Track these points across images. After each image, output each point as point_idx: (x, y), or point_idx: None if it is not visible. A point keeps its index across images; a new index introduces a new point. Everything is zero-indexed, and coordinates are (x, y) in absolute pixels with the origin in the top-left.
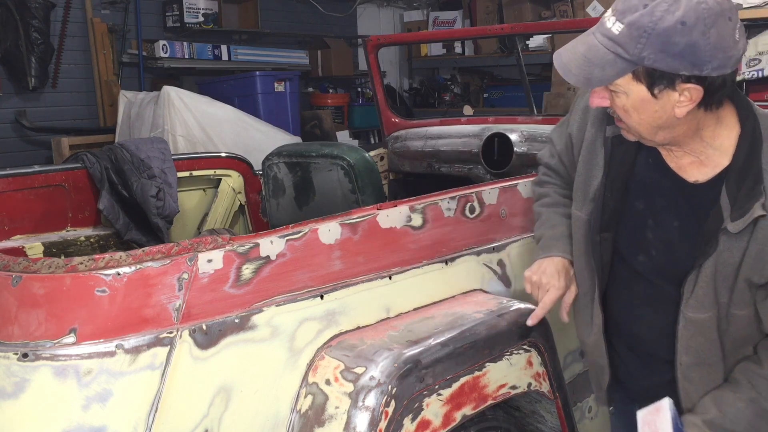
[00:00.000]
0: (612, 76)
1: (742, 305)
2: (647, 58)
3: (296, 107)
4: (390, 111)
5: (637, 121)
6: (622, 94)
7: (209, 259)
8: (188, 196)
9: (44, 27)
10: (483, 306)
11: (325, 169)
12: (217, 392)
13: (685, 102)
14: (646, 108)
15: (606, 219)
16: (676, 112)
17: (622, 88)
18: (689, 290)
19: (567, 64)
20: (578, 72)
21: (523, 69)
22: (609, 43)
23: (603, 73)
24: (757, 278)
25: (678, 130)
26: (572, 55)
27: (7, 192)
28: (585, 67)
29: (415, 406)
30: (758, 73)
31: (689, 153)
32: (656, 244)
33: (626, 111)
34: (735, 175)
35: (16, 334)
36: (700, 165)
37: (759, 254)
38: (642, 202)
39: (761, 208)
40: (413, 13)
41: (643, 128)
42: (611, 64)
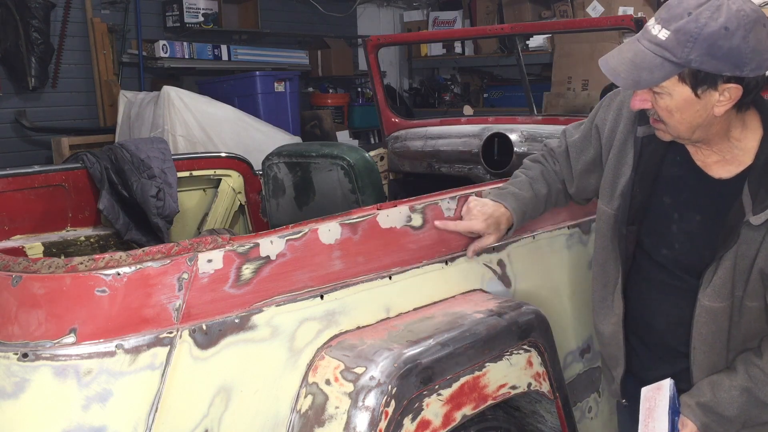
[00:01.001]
0: (659, 78)
1: (754, 297)
2: (694, 60)
3: (296, 107)
4: (390, 111)
5: (678, 120)
6: (666, 96)
7: (209, 259)
8: (188, 196)
9: (44, 27)
10: (483, 306)
11: (325, 169)
12: (217, 392)
13: (725, 101)
14: (688, 108)
15: (633, 212)
16: (715, 111)
17: (667, 89)
18: (708, 280)
19: (615, 69)
20: (627, 75)
21: (523, 69)
22: (656, 48)
23: (651, 75)
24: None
25: (712, 129)
26: (619, 60)
27: (7, 192)
28: (633, 70)
29: (415, 406)
30: None
31: (717, 152)
32: (679, 237)
33: (669, 111)
34: (757, 173)
35: (16, 334)
36: (725, 163)
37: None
38: (668, 197)
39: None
40: (413, 13)
41: (683, 127)
42: (659, 67)
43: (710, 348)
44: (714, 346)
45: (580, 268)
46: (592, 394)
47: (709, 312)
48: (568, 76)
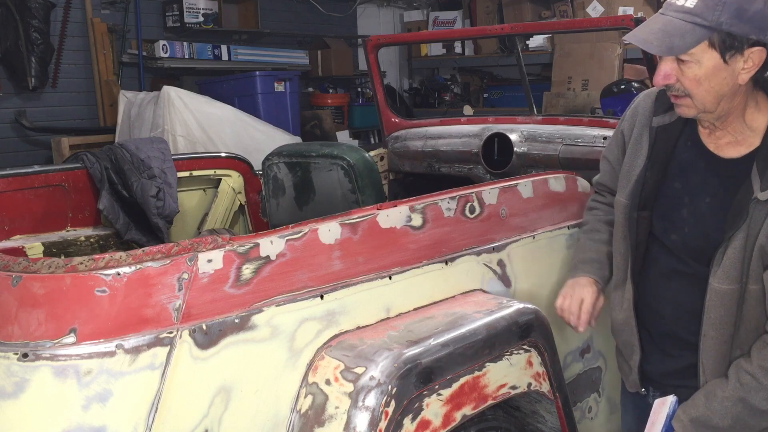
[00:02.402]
0: (692, 42)
1: (755, 278)
2: (725, 23)
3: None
4: (390, 111)
5: (706, 90)
6: (694, 64)
7: (209, 259)
8: (188, 196)
9: (44, 27)
10: (483, 306)
11: (325, 169)
12: (217, 392)
13: (749, 68)
14: (716, 75)
15: (644, 197)
16: (740, 78)
17: (696, 57)
18: (718, 262)
19: (646, 39)
20: (659, 43)
21: (523, 69)
22: (686, 15)
23: (683, 41)
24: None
25: (735, 101)
26: (649, 31)
27: (7, 192)
28: (665, 38)
29: (415, 406)
30: None
31: (731, 132)
32: (689, 221)
33: (697, 81)
34: (765, 152)
35: (16, 334)
36: (736, 144)
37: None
38: (679, 181)
39: None
40: (413, 13)
41: (711, 97)
42: (690, 32)
43: (720, 334)
44: (723, 333)
45: None
46: (592, 394)
47: (719, 295)
48: (568, 76)
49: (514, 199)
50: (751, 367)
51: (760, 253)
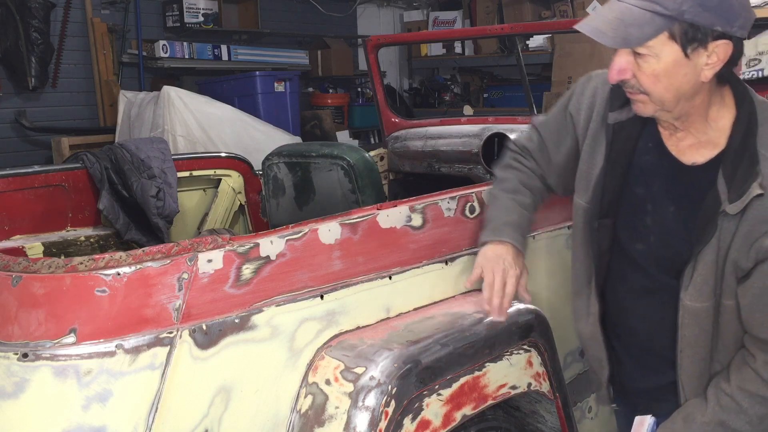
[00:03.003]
0: (650, 33)
1: (729, 294)
2: (687, 12)
3: (296, 107)
4: (390, 111)
5: (665, 87)
6: (652, 58)
7: (209, 259)
8: (188, 196)
9: (44, 27)
10: (483, 306)
11: (325, 169)
12: (217, 392)
13: (712, 63)
14: (676, 71)
15: (605, 204)
16: (703, 75)
17: (654, 49)
18: (688, 278)
19: (600, 28)
20: (614, 34)
21: (523, 69)
22: (644, 3)
23: (641, 31)
24: (743, 262)
25: (696, 100)
26: (603, 20)
27: (7, 192)
28: (621, 28)
29: (415, 406)
30: (758, 73)
31: (693, 133)
32: (654, 230)
33: (655, 77)
34: (731, 157)
35: (16, 334)
36: (699, 147)
37: (748, 234)
38: (641, 187)
39: (758, 187)
40: (413, 13)
41: (669, 96)
42: (649, 22)
43: (696, 352)
44: (700, 350)
45: None
46: (592, 394)
47: (692, 313)
48: (568, 76)
49: None
50: (730, 388)
51: (733, 267)
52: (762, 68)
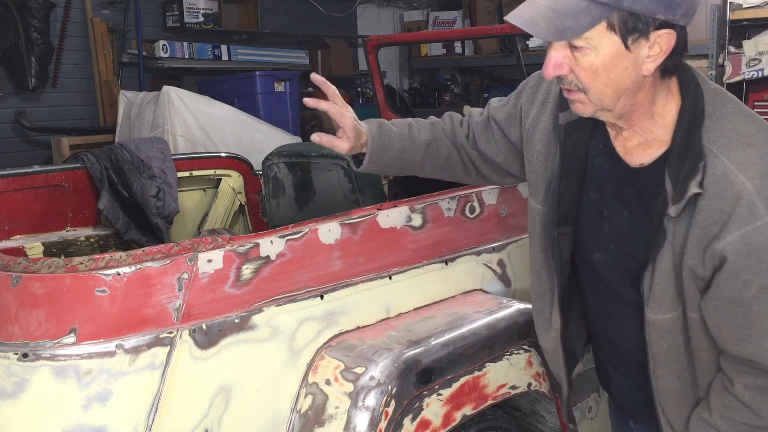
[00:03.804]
0: (587, 24)
1: (693, 306)
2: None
3: (296, 107)
4: (390, 111)
5: (604, 83)
6: (590, 52)
7: (209, 259)
8: (188, 196)
9: (44, 27)
10: (483, 306)
11: (325, 169)
12: (217, 392)
13: (654, 55)
14: (616, 65)
15: (563, 212)
16: (644, 68)
17: (592, 41)
18: (648, 288)
19: (532, 19)
20: (547, 25)
21: (523, 69)
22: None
23: (576, 22)
24: (700, 269)
25: (638, 97)
26: (535, 9)
27: (7, 192)
28: (555, 18)
29: (415, 406)
30: (758, 73)
31: (639, 132)
32: (612, 237)
33: (594, 71)
34: (676, 153)
35: (16, 334)
36: (646, 146)
37: (699, 238)
38: (596, 191)
39: (697, 185)
40: (413, 13)
41: (608, 93)
42: (585, 11)
43: (670, 372)
44: (673, 370)
45: None
46: (592, 394)
47: (656, 327)
48: None
49: (514, 199)
50: (713, 419)
51: (691, 276)
52: (762, 68)
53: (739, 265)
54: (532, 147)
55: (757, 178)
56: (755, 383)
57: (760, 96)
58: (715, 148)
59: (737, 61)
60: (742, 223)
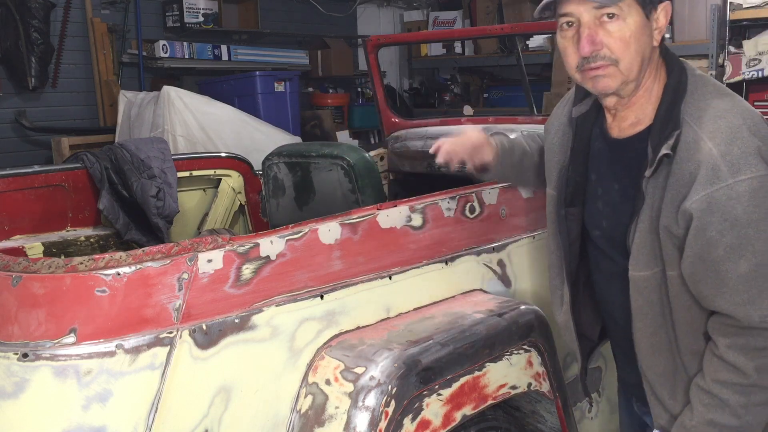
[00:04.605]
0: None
1: (672, 263)
2: None
3: (296, 107)
4: (390, 111)
5: (635, 52)
6: (621, 23)
7: (209, 259)
8: (188, 196)
9: (44, 27)
10: (483, 306)
11: (325, 169)
12: (217, 392)
13: (660, 25)
14: (641, 34)
15: (570, 193)
16: (655, 39)
17: (624, 13)
18: (630, 245)
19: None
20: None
21: (523, 69)
22: None
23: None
24: (674, 228)
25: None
26: None
27: (7, 192)
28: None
29: (415, 406)
30: (758, 73)
31: (634, 111)
32: (605, 212)
33: (626, 41)
34: (658, 125)
35: (16, 334)
36: (636, 123)
37: (672, 199)
38: (594, 173)
39: (668, 148)
40: (413, 13)
41: (637, 62)
42: None
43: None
44: (647, 324)
45: None
46: (592, 393)
47: (634, 283)
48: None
49: (514, 199)
50: (707, 384)
51: (667, 234)
52: (762, 68)
53: (704, 222)
54: (549, 141)
55: (723, 144)
56: (737, 342)
57: (760, 96)
58: (690, 119)
59: (737, 61)
60: (707, 184)
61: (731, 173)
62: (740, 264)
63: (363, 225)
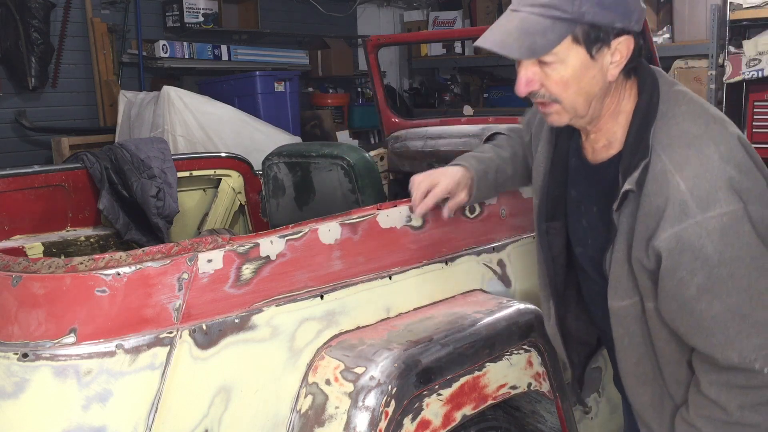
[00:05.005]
0: (554, 40)
1: (648, 296)
2: (587, 12)
3: (296, 107)
4: (390, 111)
5: (575, 92)
6: (559, 65)
7: (209, 259)
8: (188, 196)
9: (44, 27)
10: (483, 306)
11: (325, 169)
12: (217, 392)
13: (617, 61)
14: (585, 74)
15: (550, 206)
16: (610, 74)
17: (560, 56)
18: (607, 275)
19: (503, 42)
20: (519, 44)
21: None
22: (542, 9)
23: (545, 39)
24: (646, 262)
25: (607, 100)
26: (505, 32)
27: (7, 192)
28: (525, 38)
29: (415, 406)
30: (758, 73)
31: (605, 134)
32: (589, 232)
33: (565, 83)
34: (628, 150)
35: (16, 334)
36: (609, 147)
37: (642, 233)
38: (574, 189)
39: (633, 182)
40: (413, 13)
41: (581, 101)
42: (551, 28)
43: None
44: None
45: None
46: (592, 394)
47: (615, 313)
48: None
49: (514, 199)
50: (690, 416)
51: (639, 267)
52: (762, 68)
53: (673, 262)
54: (536, 148)
55: (691, 178)
56: (718, 380)
57: (760, 96)
58: (659, 148)
59: (737, 61)
60: (675, 221)
61: (700, 209)
62: (714, 305)
63: (363, 225)
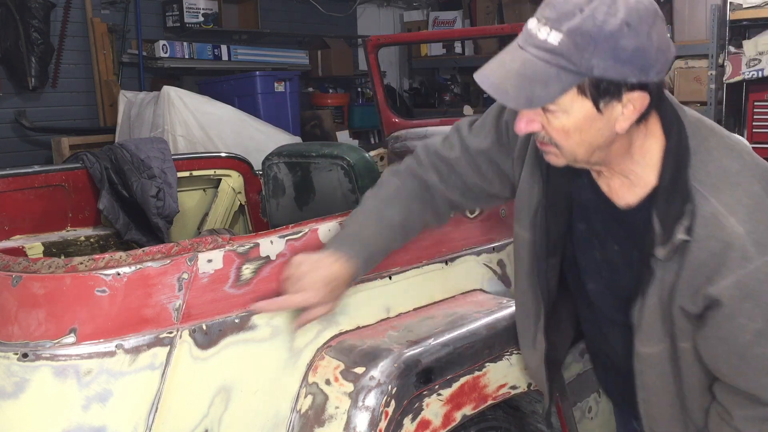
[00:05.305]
0: (556, 92)
1: (684, 336)
2: (596, 67)
3: (296, 107)
4: (390, 111)
5: (576, 143)
6: (561, 114)
7: (209, 259)
8: (188, 196)
9: (44, 27)
10: (483, 306)
11: (325, 169)
12: (217, 392)
13: (628, 114)
14: (589, 126)
15: (552, 244)
16: (618, 126)
17: (563, 106)
18: (637, 322)
19: (500, 86)
20: (516, 93)
21: None
22: (548, 56)
23: (546, 90)
24: (690, 307)
25: (613, 148)
26: (504, 74)
27: (7, 192)
28: (524, 86)
29: (415, 406)
30: (758, 73)
31: (620, 174)
32: (604, 266)
33: (566, 132)
34: (664, 194)
35: (16, 334)
36: (630, 186)
37: (690, 280)
38: (584, 223)
39: (684, 231)
40: (413, 13)
41: (582, 150)
42: (555, 79)
43: (661, 400)
44: (664, 399)
45: None
46: (592, 394)
47: (645, 359)
48: None
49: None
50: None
51: (681, 312)
52: (762, 68)
53: (734, 309)
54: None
55: (747, 221)
56: (755, 415)
57: (760, 96)
58: (702, 189)
59: (737, 61)
60: (736, 268)
61: (759, 253)
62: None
63: None
